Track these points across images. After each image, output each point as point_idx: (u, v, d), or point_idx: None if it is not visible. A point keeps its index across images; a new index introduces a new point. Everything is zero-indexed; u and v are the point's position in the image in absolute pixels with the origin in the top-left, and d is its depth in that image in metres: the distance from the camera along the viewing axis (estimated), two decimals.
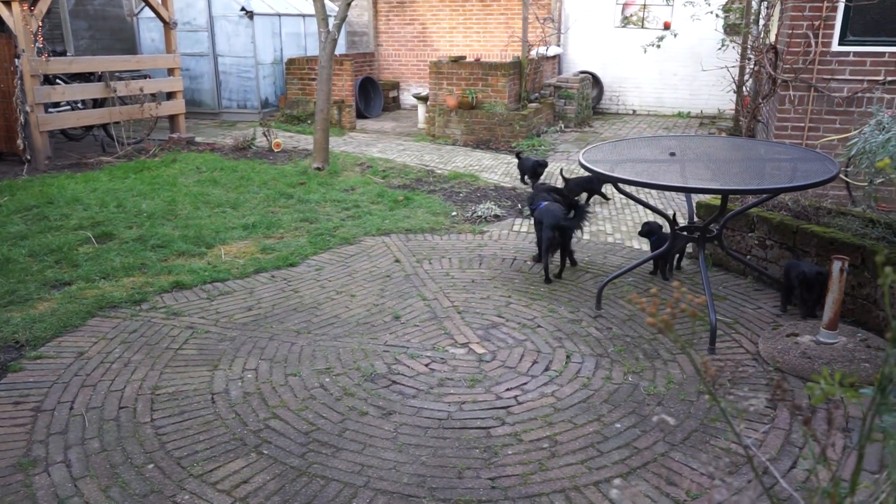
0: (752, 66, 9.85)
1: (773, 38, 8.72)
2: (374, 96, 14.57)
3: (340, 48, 14.37)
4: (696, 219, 5.47)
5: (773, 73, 7.71)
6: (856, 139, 4.79)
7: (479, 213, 7.08)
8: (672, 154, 4.86)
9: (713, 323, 4.24)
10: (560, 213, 5.44)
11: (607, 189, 7.65)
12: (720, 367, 3.94)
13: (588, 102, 13.57)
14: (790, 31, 7.12)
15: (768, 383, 3.82)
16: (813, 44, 7.03)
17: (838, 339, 4.03)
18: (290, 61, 13.19)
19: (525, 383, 3.90)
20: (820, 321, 4.12)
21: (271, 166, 9.17)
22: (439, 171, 9.11)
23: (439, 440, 3.38)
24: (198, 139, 10.99)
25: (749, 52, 10.29)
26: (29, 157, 8.90)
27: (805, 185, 4.00)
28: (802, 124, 7.34)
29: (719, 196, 5.32)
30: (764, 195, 4.61)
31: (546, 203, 5.58)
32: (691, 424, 3.47)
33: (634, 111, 14.46)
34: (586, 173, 7.27)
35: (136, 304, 4.93)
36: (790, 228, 4.93)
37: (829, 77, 7.09)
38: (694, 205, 5.56)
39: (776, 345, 4.12)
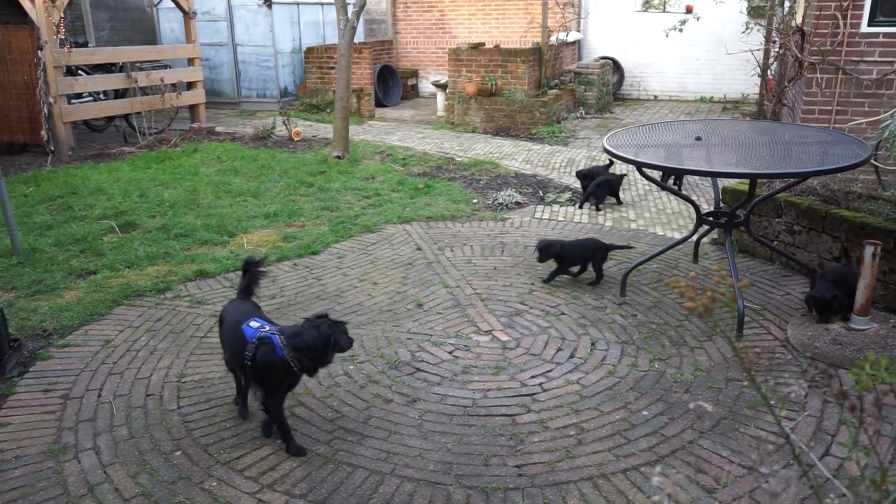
0: (777, 49, 9.67)
1: (799, 19, 8.54)
2: (392, 84, 14.53)
3: (359, 36, 14.32)
4: (721, 204, 5.39)
5: (799, 55, 7.56)
6: (888, 121, 4.68)
7: (501, 201, 7.03)
8: (698, 138, 4.78)
9: (741, 309, 4.18)
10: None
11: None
12: (758, 354, 3.88)
13: (608, 88, 13.42)
14: (817, 13, 6.97)
15: (803, 370, 3.75)
16: (841, 25, 6.88)
17: (870, 325, 3.95)
18: (309, 50, 13.18)
19: (550, 370, 3.87)
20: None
21: (291, 155, 9.18)
22: (459, 159, 9.07)
23: (465, 427, 3.37)
24: (218, 129, 11.03)
25: (774, 34, 10.10)
26: (53, 148, 8.98)
27: (836, 168, 3.91)
28: (830, 107, 7.19)
29: (745, 181, 5.24)
30: (793, 179, 4.52)
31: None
32: (720, 412, 3.42)
33: (656, 97, 14.28)
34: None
35: (160, 292, 4.96)
36: (819, 213, 4.84)
37: (858, 59, 6.93)
38: (720, 189, 5.47)
39: (806, 331, 4.05)
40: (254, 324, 3.17)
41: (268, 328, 3.14)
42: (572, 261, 5.06)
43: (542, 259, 5.04)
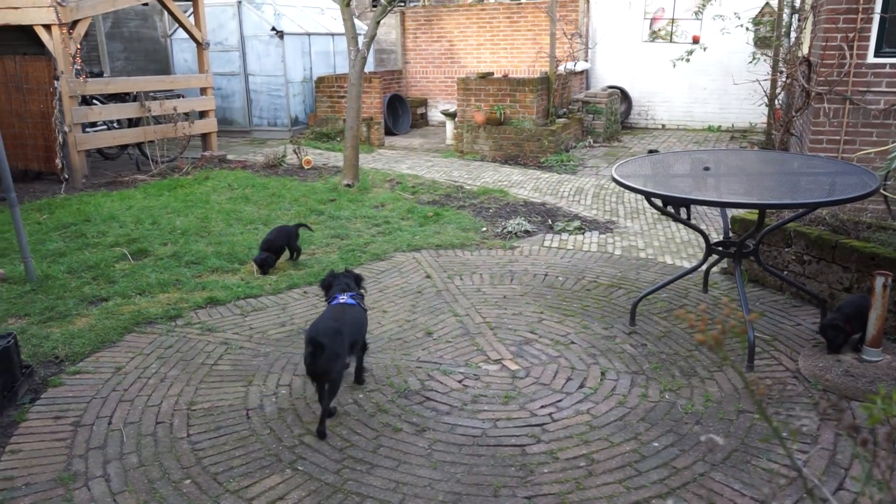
0: (784, 79, 9.74)
1: (805, 50, 8.63)
2: (401, 113, 14.68)
3: (369, 66, 14.50)
4: (730, 234, 5.39)
5: (806, 85, 7.62)
6: None
7: (510, 229, 7.06)
8: (706, 168, 4.81)
9: (751, 340, 4.16)
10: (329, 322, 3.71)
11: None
12: (769, 386, 3.85)
13: (616, 117, 13.52)
14: (824, 44, 7.04)
15: (816, 402, 3.72)
16: (848, 56, 6.93)
17: (882, 356, 3.93)
18: (320, 79, 13.36)
19: (560, 400, 3.86)
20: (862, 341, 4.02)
21: (302, 183, 9.26)
22: (468, 187, 9.13)
23: (474, 457, 3.35)
24: (229, 157, 11.15)
25: (781, 64, 10.19)
26: (67, 176, 9.10)
27: (845, 199, 3.92)
28: (838, 137, 7.23)
29: (754, 210, 5.25)
30: (802, 209, 4.52)
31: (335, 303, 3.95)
32: (731, 444, 3.40)
33: (663, 125, 14.37)
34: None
35: (171, 319, 4.99)
36: (829, 243, 4.84)
37: (865, 89, 6.98)
38: (729, 219, 5.48)
39: (817, 362, 4.03)
40: (342, 298, 3.94)
41: (344, 297, 3.96)
42: (271, 247, 6.00)
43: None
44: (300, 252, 6.27)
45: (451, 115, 12.61)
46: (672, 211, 6.25)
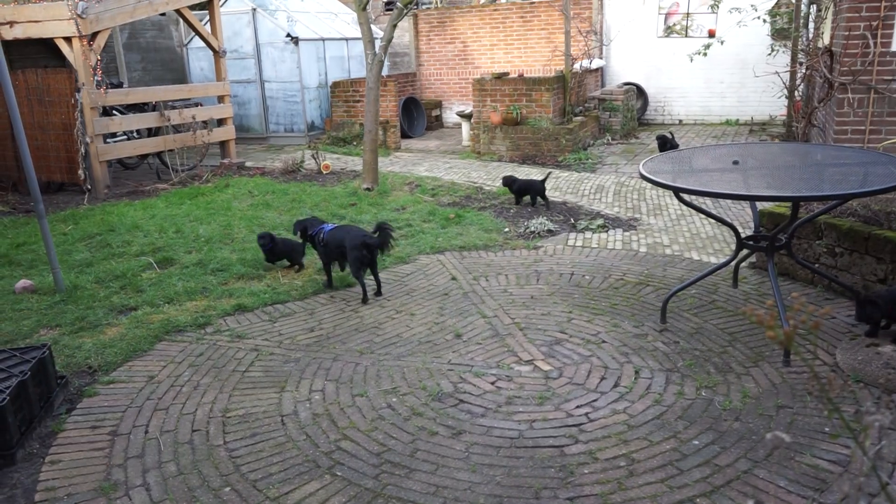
0: (804, 71, 9.63)
1: (826, 40, 8.52)
2: (417, 116, 14.69)
3: (383, 70, 14.53)
4: (760, 228, 5.33)
5: (829, 76, 7.52)
6: None
7: (532, 229, 7.03)
8: (735, 162, 4.75)
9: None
10: (360, 231, 5.50)
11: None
12: (808, 380, 3.79)
13: (633, 114, 13.45)
14: (847, 33, 6.94)
15: (876, 398, 3.66)
16: (871, 45, 6.84)
17: None
18: (335, 84, 13.40)
19: (595, 400, 3.82)
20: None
21: (321, 188, 9.28)
22: (488, 188, 9.10)
23: (512, 459, 3.33)
24: (248, 164, 11.20)
25: (800, 56, 10.08)
26: (89, 187, 9.18)
27: (881, 189, 3.86)
28: (863, 127, 7.13)
29: (784, 203, 5.19)
30: (835, 201, 4.46)
31: (335, 226, 5.74)
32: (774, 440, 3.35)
33: (681, 121, 14.27)
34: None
35: (200, 327, 5.00)
36: (861, 234, 4.76)
37: (891, 78, 6.87)
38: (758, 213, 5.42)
39: (856, 355, 3.97)
40: (329, 226, 5.67)
41: (329, 225, 5.73)
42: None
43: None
44: (302, 266, 6.21)
45: (467, 117, 12.60)
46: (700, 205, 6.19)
